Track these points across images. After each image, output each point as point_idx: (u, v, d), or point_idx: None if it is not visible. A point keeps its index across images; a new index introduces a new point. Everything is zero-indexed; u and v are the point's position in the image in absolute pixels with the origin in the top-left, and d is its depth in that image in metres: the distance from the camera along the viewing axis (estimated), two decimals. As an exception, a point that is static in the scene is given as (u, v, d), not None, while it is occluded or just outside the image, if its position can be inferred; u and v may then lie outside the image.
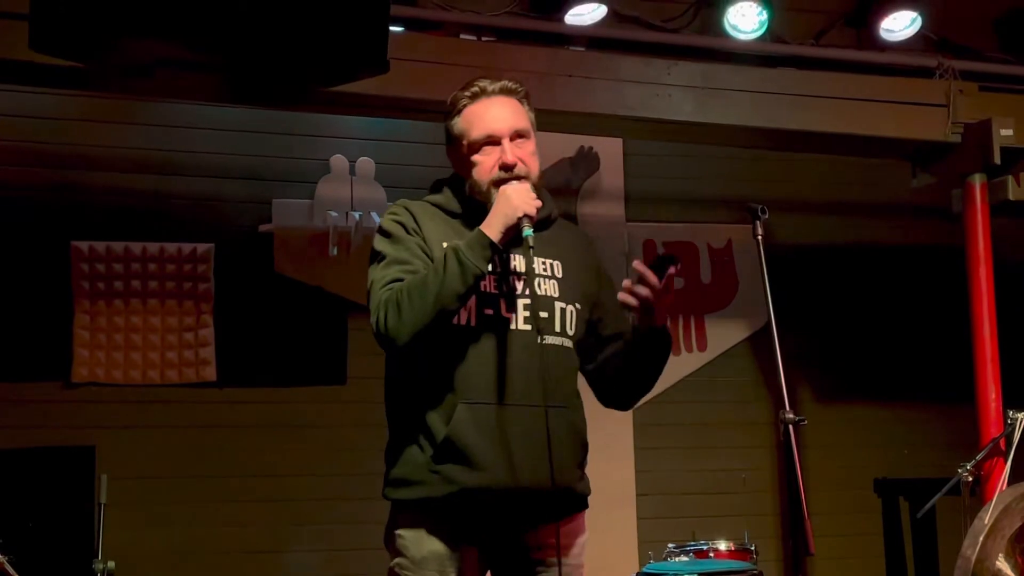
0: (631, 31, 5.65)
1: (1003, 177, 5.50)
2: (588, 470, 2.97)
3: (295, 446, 5.78)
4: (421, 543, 2.78)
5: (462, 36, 5.31)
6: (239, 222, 5.83)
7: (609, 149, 6.37)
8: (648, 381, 2.98)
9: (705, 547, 5.07)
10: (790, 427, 3.00)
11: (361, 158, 5.97)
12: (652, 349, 2.90)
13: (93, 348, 5.58)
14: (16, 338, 5.48)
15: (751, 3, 5.70)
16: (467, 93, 2.91)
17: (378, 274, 2.81)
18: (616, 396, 3.03)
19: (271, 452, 5.74)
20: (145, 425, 5.61)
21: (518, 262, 2.84)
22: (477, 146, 2.86)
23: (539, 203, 2.79)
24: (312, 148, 5.96)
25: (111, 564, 4.99)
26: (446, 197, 2.94)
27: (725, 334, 6.53)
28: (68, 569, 5.08)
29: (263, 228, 5.83)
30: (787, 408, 3.01)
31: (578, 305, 2.90)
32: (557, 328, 2.85)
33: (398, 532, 2.82)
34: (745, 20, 5.76)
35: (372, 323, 2.74)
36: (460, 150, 2.91)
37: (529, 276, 2.82)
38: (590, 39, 5.53)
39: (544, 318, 2.81)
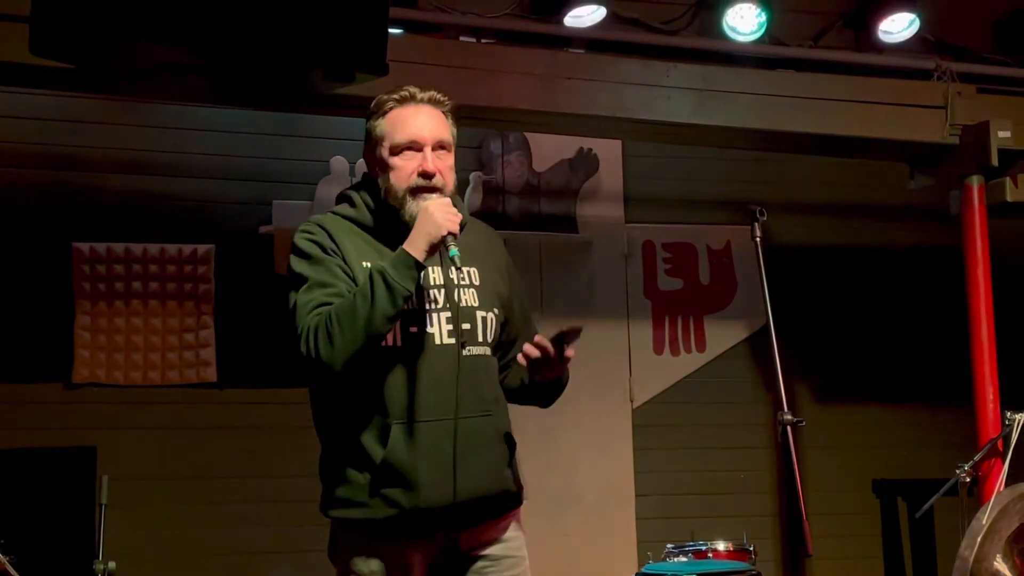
0: (630, 33, 5.67)
1: (1001, 179, 5.52)
2: (588, 471, 3.01)
3: (296, 447, 5.73)
4: (369, 559, 2.82)
5: (461, 38, 5.33)
6: (239, 223, 5.85)
7: (608, 151, 6.39)
8: (546, 405, 3.06)
9: (704, 548, 5.10)
10: (788, 428, 3.04)
11: (360, 160, 5.96)
12: (549, 390, 2.99)
13: (94, 349, 5.59)
14: (17, 339, 5.50)
15: (750, 5, 5.73)
16: (395, 96, 2.89)
17: (302, 298, 2.76)
18: (515, 401, 3.05)
19: (272, 453, 5.74)
20: (146, 426, 5.63)
21: (436, 274, 2.85)
22: (398, 150, 2.84)
23: (459, 217, 2.78)
24: (312, 149, 5.97)
25: (112, 564, 4.97)
26: (358, 210, 2.90)
27: (724, 335, 6.55)
28: (69, 570, 5.08)
29: (263, 229, 5.84)
30: (785, 409, 3.05)
31: (496, 310, 2.94)
32: (479, 338, 2.88)
33: (343, 549, 2.87)
34: (744, 22, 5.80)
35: (301, 350, 2.71)
36: (380, 152, 2.88)
37: (448, 288, 2.84)
38: (589, 41, 5.54)
39: (467, 330, 2.84)
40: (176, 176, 5.83)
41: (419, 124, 2.84)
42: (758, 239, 3.24)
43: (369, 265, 2.77)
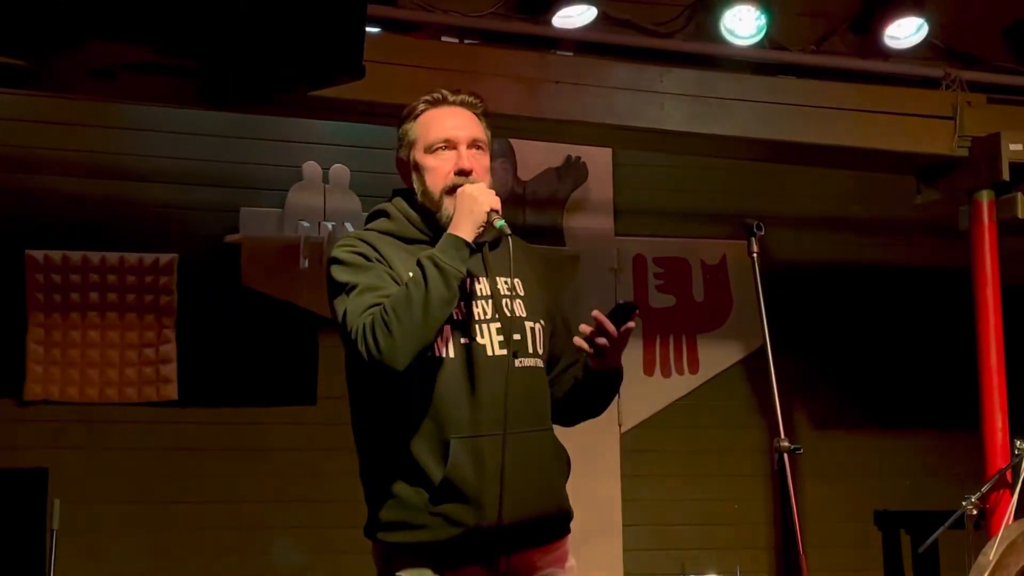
0: (622, 35, 5.68)
1: (1012, 194, 5.53)
2: (573, 498, 3.04)
3: (261, 470, 5.77)
4: None
5: (444, 38, 5.33)
6: (204, 231, 5.83)
7: (598, 159, 6.39)
8: (598, 410, 3.09)
9: (694, 581, 5.09)
10: (785, 456, 3.03)
11: (335, 165, 5.98)
12: (605, 385, 3.01)
13: (47, 364, 5.56)
14: (-35, 353, 5.46)
15: (749, 7, 5.73)
16: (427, 98, 2.98)
17: (352, 304, 2.78)
18: (563, 416, 3.08)
19: (236, 476, 5.73)
20: (102, 447, 5.59)
21: (483, 285, 2.89)
22: (432, 149, 2.91)
23: (497, 199, 2.85)
24: (283, 154, 5.96)
25: (63, 595, 4.97)
26: (397, 222, 2.94)
27: (718, 356, 6.55)
28: (17, 599, 5.06)
29: (230, 238, 5.83)
30: (782, 435, 3.04)
31: (543, 322, 2.97)
32: (530, 349, 2.92)
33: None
34: (742, 25, 5.80)
35: (361, 351, 2.69)
36: (413, 155, 2.94)
37: (496, 298, 2.88)
38: (579, 43, 5.55)
39: (518, 340, 2.88)
40: (137, 180, 5.80)
41: (453, 123, 2.93)
42: (755, 255, 3.23)
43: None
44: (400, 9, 5.28)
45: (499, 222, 2.80)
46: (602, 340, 2.83)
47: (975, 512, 5.14)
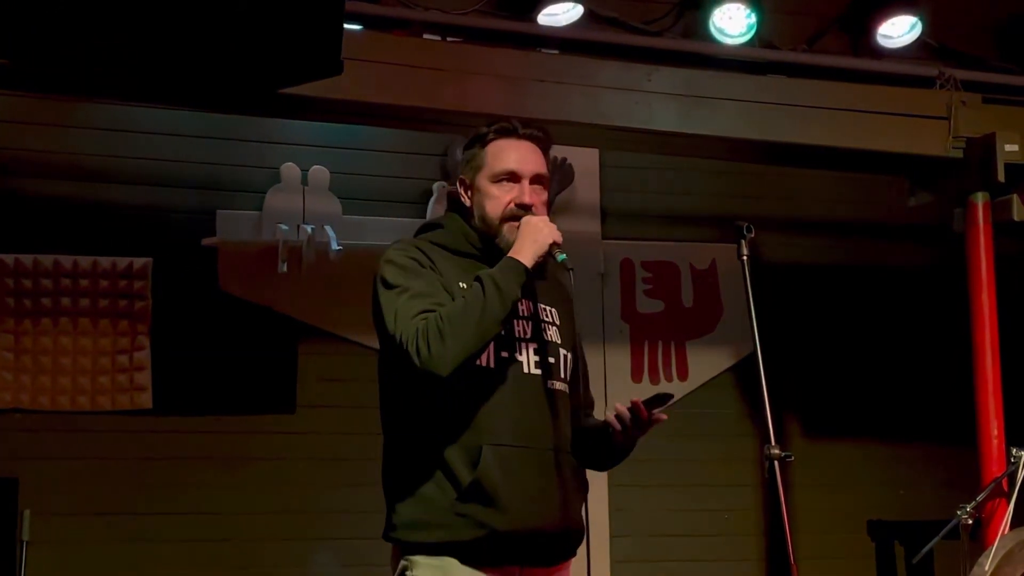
0: (609, 33, 5.69)
1: (1007, 196, 5.51)
2: None
3: (239, 480, 5.74)
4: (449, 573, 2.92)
5: (425, 36, 5.31)
6: (180, 235, 5.80)
7: (584, 161, 6.37)
8: (604, 467, 3.29)
9: (684, 594, 5.07)
10: (776, 463, 3.03)
11: (314, 167, 5.95)
12: (618, 454, 3.20)
13: (17, 371, 5.52)
14: (-68, 360, 5.43)
15: (739, 5, 5.73)
16: (495, 127, 3.17)
17: (403, 307, 2.92)
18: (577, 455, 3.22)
19: (212, 487, 5.69)
20: (73, 456, 5.56)
21: (524, 306, 3.08)
22: (497, 179, 3.10)
23: (560, 235, 3.03)
24: (261, 155, 5.94)
25: (34, 609, 4.94)
26: (451, 235, 3.15)
27: (707, 362, 6.53)
28: (-14, 614, 5.03)
29: (206, 242, 5.80)
30: (773, 443, 3.03)
31: (569, 353, 3.17)
32: (561, 374, 3.12)
33: (416, 574, 2.94)
34: (732, 23, 5.82)
35: (411, 354, 2.85)
36: (478, 180, 3.13)
37: (535, 321, 3.08)
38: (564, 41, 5.55)
39: (552, 363, 3.08)
40: (111, 182, 5.78)
41: (520, 156, 3.11)
42: (745, 257, 3.24)
43: (465, 285, 2.99)
44: (381, 6, 5.28)
45: (561, 256, 3.01)
46: (630, 423, 3.02)
47: (970, 521, 5.11)
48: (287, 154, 5.94)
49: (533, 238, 2.99)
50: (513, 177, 3.09)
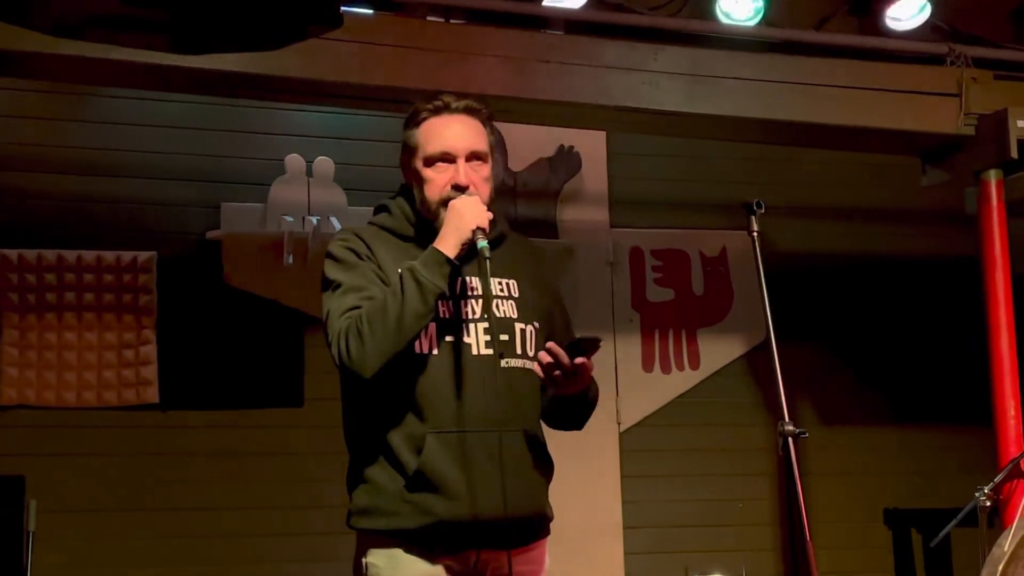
0: (614, 14, 5.68)
1: (1021, 173, 5.52)
2: (571, 500, 3.12)
3: (246, 475, 5.75)
4: (396, 567, 2.92)
5: (429, 18, 5.33)
6: (184, 228, 5.82)
7: (591, 148, 6.38)
8: (573, 425, 3.16)
9: (699, 584, 5.07)
10: (790, 440, 2.99)
11: (319, 158, 5.96)
12: (572, 407, 3.09)
13: (23, 367, 5.54)
14: (-64, 356, 5.44)
15: (745, -13, 5.74)
16: (429, 105, 3.07)
17: (334, 303, 2.93)
18: (549, 422, 3.17)
19: (219, 482, 5.71)
20: (79, 452, 5.57)
21: (474, 285, 3.01)
22: (431, 161, 3.02)
23: (490, 215, 2.97)
24: (265, 146, 5.95)
25: (41, 604, 4.96)
26: (395, 219, 3.09)
27: (719, 351, 6.53)
28: (-6, 609, 5.04)
29: (211, 235, 5.81)
30: (787, 419, 3.01)
31: (537, 324, 3.07)
32: (519, 350, 3.02)
33: (369, 561, 2.95)
34: (739, 7, 5.86)
35: (334, 355, 2.88)
36: (414, 164, 3.06)
37: (486, 298, 2.96)
38: (569, 21, 5.58)
39: (505, 341, 2.99)
40: (114, 176, 5.80)
41: (452, 135, 3.02)
42: (756, 233, 3.21)
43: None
44: (385, -11, 5.29)
45: (481, 243, 2.90)
46: (556, 372, 2.90)
47: (988, 504, 5.09)
48: (291, 145, 5.95)
49: (455, 225, 2.92)
50: (447, 157, 3.00)
